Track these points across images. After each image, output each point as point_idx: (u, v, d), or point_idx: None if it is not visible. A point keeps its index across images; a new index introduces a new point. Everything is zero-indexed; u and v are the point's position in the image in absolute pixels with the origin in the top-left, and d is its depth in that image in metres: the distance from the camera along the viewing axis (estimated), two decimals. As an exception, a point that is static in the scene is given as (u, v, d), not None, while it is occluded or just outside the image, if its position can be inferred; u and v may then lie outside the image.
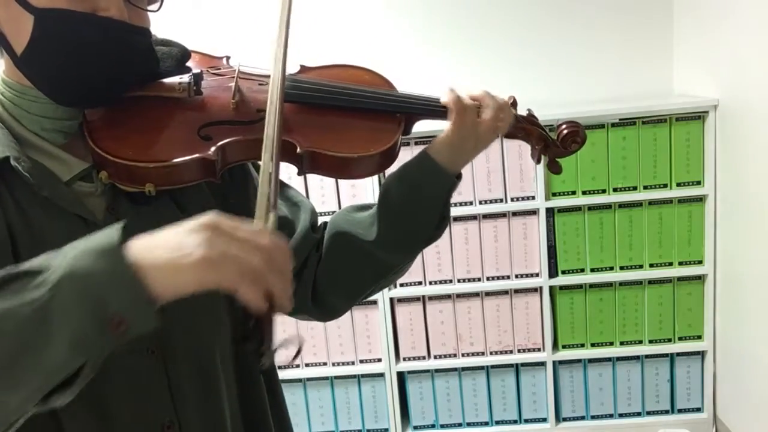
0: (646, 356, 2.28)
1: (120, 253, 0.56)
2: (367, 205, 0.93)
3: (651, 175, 2.15)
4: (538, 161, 0.99)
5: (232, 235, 0.58)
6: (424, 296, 2.26)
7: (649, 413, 2.31)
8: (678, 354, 2.27)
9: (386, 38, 2.43)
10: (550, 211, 2.19)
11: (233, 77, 0.84)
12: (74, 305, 0.54)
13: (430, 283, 2.25)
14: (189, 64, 0.85)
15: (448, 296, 2.26)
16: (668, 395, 2.30)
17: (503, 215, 2.20)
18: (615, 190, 2.17)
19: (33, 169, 0.71)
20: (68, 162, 0.75)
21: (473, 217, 2.20)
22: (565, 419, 2.34)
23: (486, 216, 2.20)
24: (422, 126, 0.94)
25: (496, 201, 2.19)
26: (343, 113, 0.86)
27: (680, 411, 2.29)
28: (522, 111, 0.96)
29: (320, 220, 0.97)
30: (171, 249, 0.56)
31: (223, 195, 0.86)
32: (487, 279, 2.24)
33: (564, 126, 0.96)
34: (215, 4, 2.41)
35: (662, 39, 2.41)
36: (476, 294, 2.25)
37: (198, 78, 0.82)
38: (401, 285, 2.26)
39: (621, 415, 2.32)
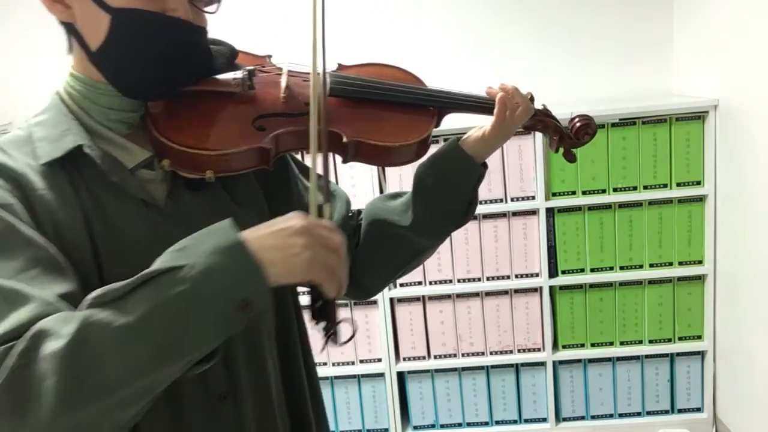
0: (646, 356, 2.28)
1: (246, 253, 0.66)
2: (397, 193, 1.01)
3: (651, 175, 2.15)
4: (556, 150, 1.06)
5: (319, 236, 0.70)
6: (424, 296, 2.26)
7: (649, 413, 2.31)
8: (678, 354, 2.27)
9: (387, 43, 2.43)
10: (550, 211, 2.19)
11: (280, 73, 0.91)
12: (215, 296, 0.65)
13: (430, 283, 2.25)
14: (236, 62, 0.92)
15: (448, 296, 2.26)
16: (668, 395, 2.30)
17: (503, 215, 2.20)
18: (615, 190, 2.17)
19: (103, 157, 0.77)
20: (132, 150, 0.81)
21: (473, 217, 2.19)
22: (565, 419, 2.34)
23: (486, 216, 2.20)
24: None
25: (496, 201, 2.19)
26: (382, 106, 0.94)
27: (680, 411, 2.30)
28: (537, 105, 1.03)
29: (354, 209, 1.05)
30: (281, 250, 0.68)
31: (266, 181, 0.93)
32: (487, 279, 2.24)
33: (577, 119, 1.04)
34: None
35: (662, 39, 2.41)
36: (476, 294, 2.25)
37: (252, 74, 0.88)
38: (401, 285, 2.26)
39: (621, 415, 2.32)
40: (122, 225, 0.77)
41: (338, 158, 0.91)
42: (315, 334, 0.83)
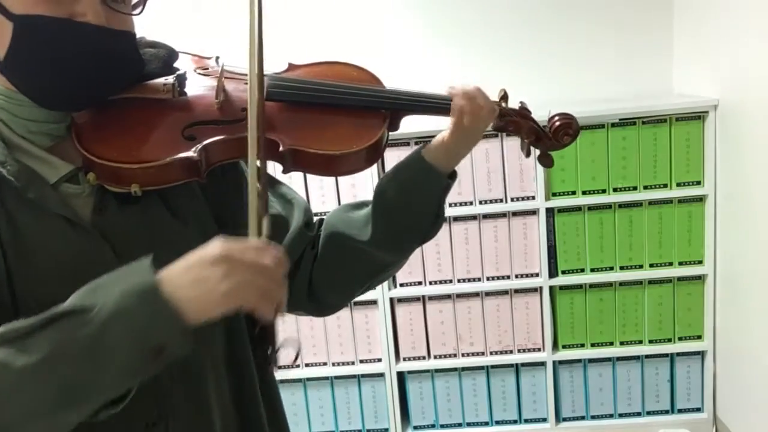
0: (646, 356, 2.28)
1: (158, 295, 0.63)
2: (362, 203, 0.94)
3: (651, 175, 2.15)
4: (528, 155, 0.96)
5: (243, 261, 0.65)
6: (424, 296, 2.26)
7: (649, 413, 2.31)
8: (678, 354, 2.27)
9: (378, 38, 2.43)
10: (550, 211, 2.19)
11: (218, 77, 0.85)
12: (122, 341, 0.62)
13: (430, 283, 2.25)
14: (178, 65, 0.86)
15: (448, 296, 2.26)
16: (668, 395, 2.30)
17: (503, 215, 2.20)
18: (615, 190, 2.16)
19: (19, 172, 0.73)
20: (55, 164, 0.77)
21: (473, 217, 2.20)
22: (565, 419, 2.34)
23: (486, 216, 2.20)
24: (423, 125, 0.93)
25: (496, 201, 2.19)
26: (326, 110, 0.86)
27: (680, 411, 2.29)
28: (514, 104, 0.94)
29: (316, 218, 0.97)
30: (198, 284, 0.64)
31: (214, 194, 0.87)
32: (487, 279, 2.24)
33: (556, 118, 0.93)
34: (213, 4, 2.41)
35: (662, 39, 2.41)
36: (476, 294, 2.25)
37: (182, 79, 0.83)
38: (401, 285, 2.26)
39: (621, 415, 2.32)
40: (39, 244, 0.73)
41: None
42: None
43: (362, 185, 2.16)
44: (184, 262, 0.65)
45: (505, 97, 0.93)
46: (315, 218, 0.97)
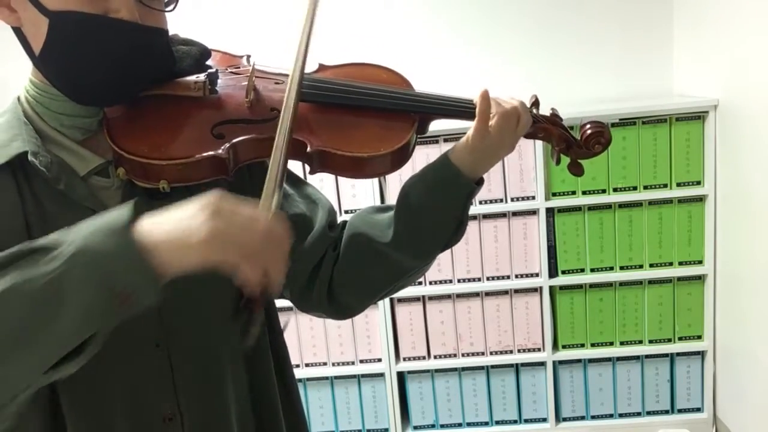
0: (646, 356, 2.28)
1: (129, 233, 0.59)
2: (388, 206, 0.92)
3: (651, 175, 2.15)
4: (558, 162, 0.95)
5: (233, 216, 0.62)
6: (424, 296, 2.26)
7: (649, 413, 2.31)
8: (678, 354, 2.27)
9: (391, 42, 2.43)
10: (550, 211, 2.19)
11: (248, 76, 0.85)
12: (85, 280, 0.58)
13: (430, 283, 2.25)
14: (210, 63, 0.86)
15: (448, 296, 2.26)
16: (668, 395, 2.30)
17: (503, 215, 2.20)
18: (615, 190, 2.17)
19: (51, 164, 0.75)
20: (85, 157, 0.78)
21: (473, 217, 2.20)
22: (565, 419, 2.34)
23: (486, 216, 2.20)
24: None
25: (496, 201, 2.19)
26: (355, 112, 0.86)
27: (680, 411, 2.30)
28: (546, 110, 0.94)
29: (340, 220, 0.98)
30: (177, 228, 0.60)
31: (241, 193, 0.86)
32: (487, 279, 2.24)
33: (588, 126, 0.93)
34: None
35: (662, 39, 2.41)
36: (476, 294, 2.25)
37: (214, 77, 0.83)
38: (401, 285, 2.26)
39: (621, 415, 2.32)
40: None
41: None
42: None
43: (362, 186, 2.16)
44: (174, 208, 0.62)
45: (536, 103, 0.92)
46: (339, 220, 0.96)
